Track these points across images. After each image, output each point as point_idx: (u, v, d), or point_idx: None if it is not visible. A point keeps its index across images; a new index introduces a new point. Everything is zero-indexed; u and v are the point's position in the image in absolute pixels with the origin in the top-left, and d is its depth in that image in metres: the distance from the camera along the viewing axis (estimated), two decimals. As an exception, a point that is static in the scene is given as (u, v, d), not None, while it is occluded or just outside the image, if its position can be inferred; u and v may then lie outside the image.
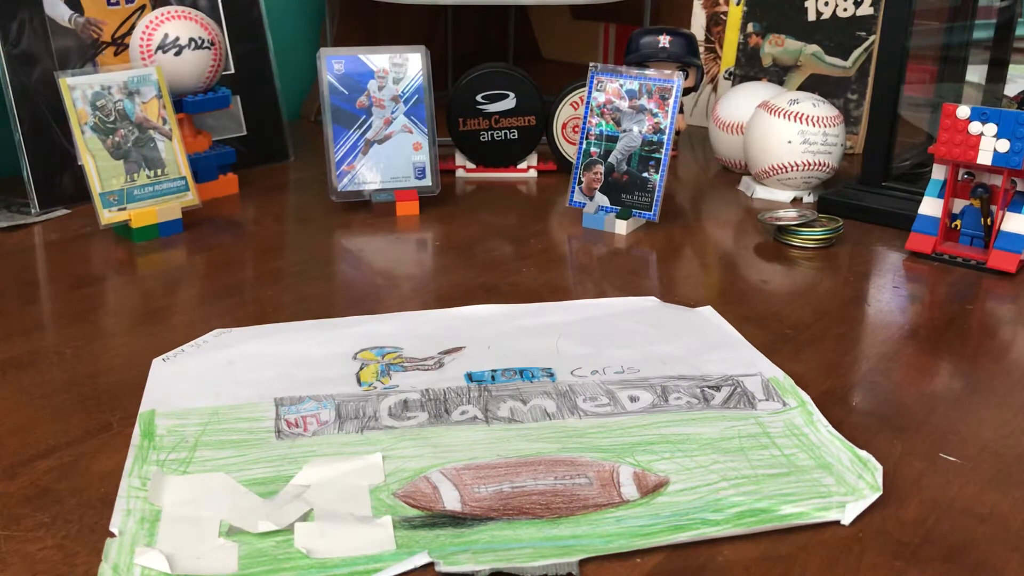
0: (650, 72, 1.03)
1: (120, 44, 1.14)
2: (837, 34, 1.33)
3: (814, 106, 1.09)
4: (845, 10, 1.32)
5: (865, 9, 1.31)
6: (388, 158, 1.08)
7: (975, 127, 0.90)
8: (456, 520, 0.55)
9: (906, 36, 1.03)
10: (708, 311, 0.83)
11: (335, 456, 0.61)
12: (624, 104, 1.04)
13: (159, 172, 1.00)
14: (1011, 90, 1.26)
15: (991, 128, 0.89)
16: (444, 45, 1.64)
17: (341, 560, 0.51)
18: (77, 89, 0.95)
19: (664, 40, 1.21)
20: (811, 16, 1.35)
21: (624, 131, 1.04)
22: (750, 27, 1.40)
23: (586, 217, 1.04)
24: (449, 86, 1.51)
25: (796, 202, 1.13)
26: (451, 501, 0.56)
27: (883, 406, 0.69)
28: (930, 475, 0.60)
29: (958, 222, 0.95)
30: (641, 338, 0.77)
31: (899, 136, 1.08)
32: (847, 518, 0.55)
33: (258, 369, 0.72)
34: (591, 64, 1.06)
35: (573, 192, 1.07)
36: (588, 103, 1.05)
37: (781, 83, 1.36)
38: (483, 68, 1.19)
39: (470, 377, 0.71)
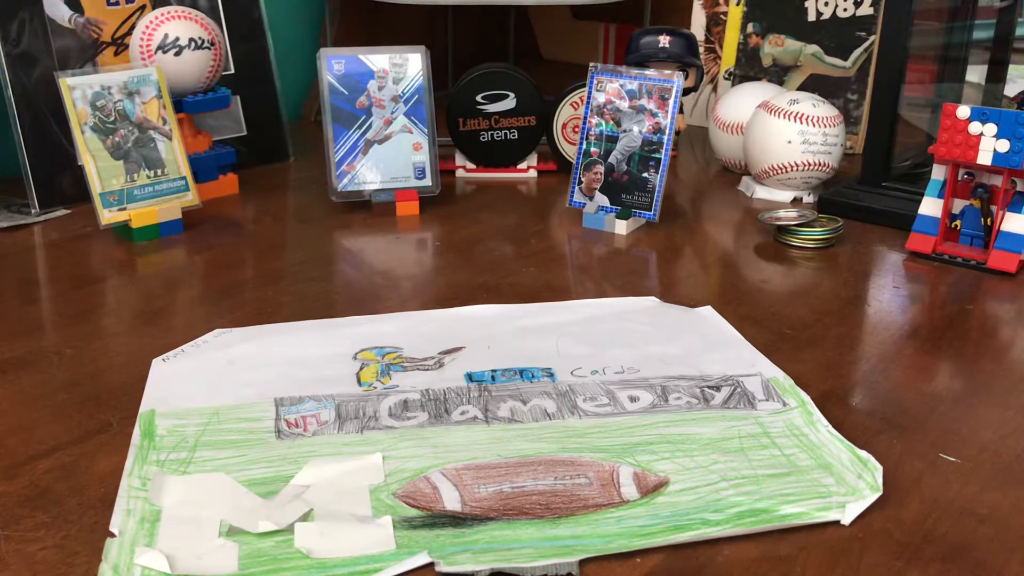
0: (650, 72, 1.03)
1: (120, 44, 1.14)
2: (837, 34, 1.33)
3: (814, 106, 1.09)
4: (845, 10, 1.32)
5: (865, 9, 1.31)
6: (388, 158, 1.08)
7: (975, 127, 0.90)
8: (456, 520, 0.55)
9: (906, 36, 1.03)
10: (708, 311, 0.83)
11: (335, 456, 0.61)
12: (624, 104, 1.04)
13: (159, 172, 1.00)
14: (1011, 90, 1.26)
15: (991, 128, 0.89)
16: (444, 45, 1.64)
17: (341, 560, 0.51)
18: (77, 89, 0.95)
19: (664, 40, 1.21)
20: (811, 16, 1.35)
21: (624, 131, 1.04)
22: (750, 27, 1.40)
23: (586, 217, 1.04)
24: (449, 86, 1.51)
25: (796, 202, 1.13)
26: (451, 501, 0.56)
27: (883, 406, 0.69)
28: (930, 475, 0.60)
29: (958, 222, 0.95)
30: (641, 338, 0.77)
31: (899, 136, 1.08)
32: (847, 518, 0.55)
33: (258, 369, 0.72)
34: (591, 64, 1.06)
35: (573, 192, 1.07)
36: (588, 103, 1.05)
37: (781, 83, 1.36)
38: (483, 68, 1.19)
39: (470, 377, 0.71)
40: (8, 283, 0.89)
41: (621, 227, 1.02)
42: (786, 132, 1.09)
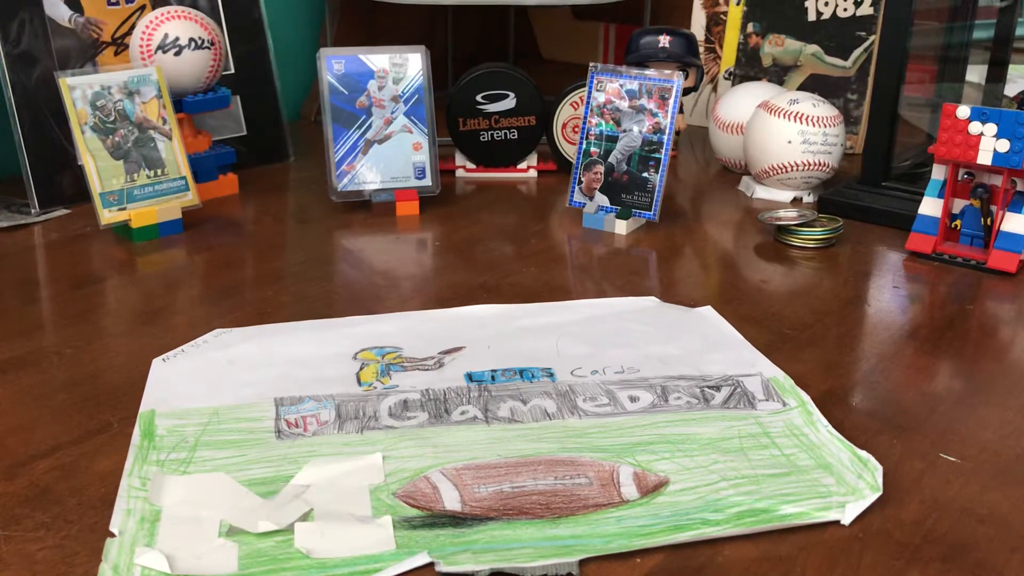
0: (650, 72, 1.03)
1: (120, 44, 1.14)
2: (837, 34, 1.33)
3: (814, 106, 1.09)
4: (845, 10, 1.32)
5: (865, 9, 1.31)
6: (388, 158, 1.08)
7: (975, 127, 0.90)
8: (456, 520, 0.55)
9: (906, 36, 1.03)
10: (708, 311, 0.83)
11: (335, 456, 0.61)
12: (624, 104, 1.04)
13: (159, 172, 1.00)
14: (1011, 90, 1.26)
15: (991, 128, 0.89)
16: (444, 45, 1.64)
17: (341, 560, 0.51)
18: (77, 89, 0.95)
19: (664, 40, 1.21)
20: (811, 16, 1.35)
21: (624, 131, 1.04)
22: (750, 27, 1.40)
23: (586, 217, 1.04)
24: (449, 86, 1.51)
25: (796, 202, 1.13)
26: (451, 501, 0.56)
27: (883, 406, 0.69)
28: (930, 475, 0.60)
29: (958, 222, 0.95)
30: (641, 338, 0.77)
31: (899, 136, 1.08)
32: (847, 518, 0.55)
33: (258, 369, 0.72)
34: (591, 64, 1.06)
35: (573, 192, 1.07)
36: (588, 103, 1.05)
37: (781, 83, 1.36)
38: (483, 68, 1.19)
39: (470, 377, 0.71)
40: (8, 283, 0.89)
41: (621, 227, 1.02)
42: (786, 132, 1.09)
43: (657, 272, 0.94)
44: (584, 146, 1.06)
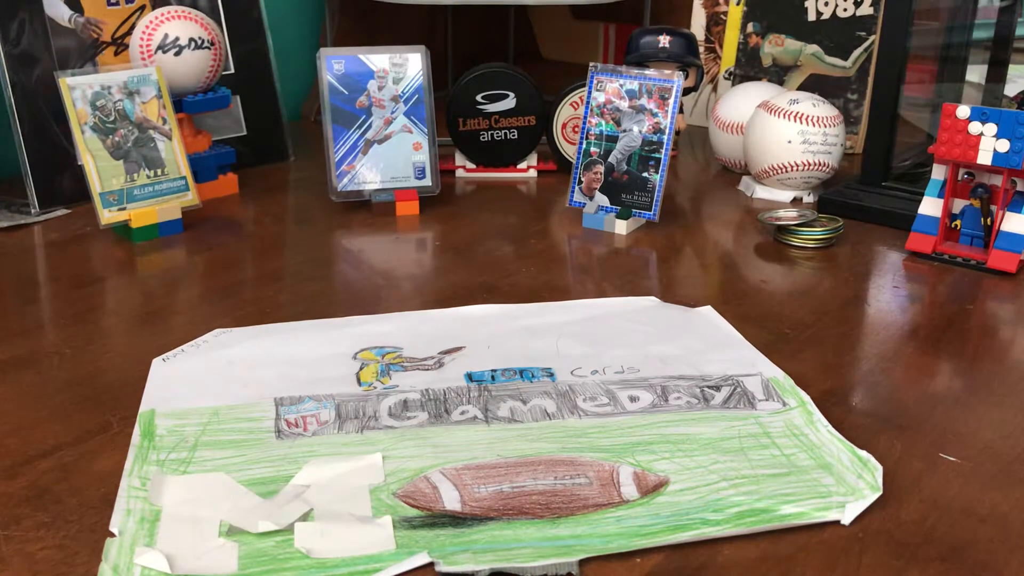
0: (650, 72, 1.03)
1: (120, 44, 1.14)
2: (837, 34, 1.33)
3: (814, 106, 1.09)
4: (845, 10, 1.32)
5: (865, 9, 1.31)
6: (388, 158, 1.08)
7: (975, 127, 0.90)
8: (456, 520, 0.55)
9: (906, 36, 1.03)
10: (708, 311, 0.83)
11: (335, 456, 0.61)
12: (624, 104, 1.04)
13: (159, 172, 1.00)
14: (1011, 90, 1.26)
15: (991, 128, 0.89)
16: (444, 45, 1.64)
17: (341, 560, 0.51)
18: (77, 89, 0.95)
19: (664, 40, 1.21)
20: (811, 16, 1.35)
21: (624, 131, 1.04)
22: (750, 27, 1.40)
23: (586, 217, 1.04)
24: (449, 86, 1.51)
25: (796, 202, 1.13)
26: (451, 501, 0.56)
27: (883, 406, 0.69)
28: (930, 475, 0.60)
29: (958, 222, 0.95)
30: (641, 338, 0.77)
31: (899, 136, 1.08)
32: (847, 518, 0.55)
33: (258, 369, 0.72)
34: (591, 64, 1.06)
35: (573, 192, 1.07)
36: (588, 103, 1.05)
37: (781, 83, 1.36)
38: (483, 68, 1.19)
39: (470, 377, 0.71)
40: (8, 283, 0.89)
41: (621, 227, 1.02)
42: (786, 132, 1.09)
43: (657, 272, 0.94)
44: (584, 146, 1.06)
